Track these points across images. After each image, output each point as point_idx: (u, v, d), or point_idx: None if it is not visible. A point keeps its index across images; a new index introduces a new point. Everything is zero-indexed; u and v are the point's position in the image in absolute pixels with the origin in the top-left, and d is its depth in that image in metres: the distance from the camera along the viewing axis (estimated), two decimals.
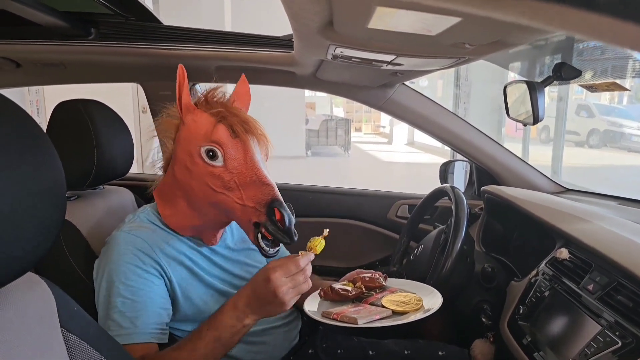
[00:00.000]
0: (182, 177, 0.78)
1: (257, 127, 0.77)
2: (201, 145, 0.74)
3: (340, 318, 0.73)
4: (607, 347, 0.63)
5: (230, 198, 0.72)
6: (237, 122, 0.75)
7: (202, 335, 0.69)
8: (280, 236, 0.69)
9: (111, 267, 0.74)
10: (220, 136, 0.73)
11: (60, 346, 0.50)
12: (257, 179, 0.72)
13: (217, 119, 0.75)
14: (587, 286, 0.74)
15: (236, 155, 0.73)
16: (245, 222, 0.73)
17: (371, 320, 0.73)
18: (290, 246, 1.06)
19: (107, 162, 0.94)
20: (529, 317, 0.83)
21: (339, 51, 0.64)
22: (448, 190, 1.05)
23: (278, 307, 0.67)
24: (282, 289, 0.65)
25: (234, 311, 0.69)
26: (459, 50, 0.53)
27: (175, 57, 1.11)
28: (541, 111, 0.80)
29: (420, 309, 0.77)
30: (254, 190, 0.71)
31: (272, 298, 0.66)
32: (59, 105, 0.94)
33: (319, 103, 13.31)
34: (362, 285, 0.86)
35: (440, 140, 1.33)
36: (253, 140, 0.75)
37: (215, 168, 0.73)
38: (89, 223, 0.92)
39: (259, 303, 0.68)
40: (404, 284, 0.90)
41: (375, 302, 0.81)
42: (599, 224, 0.85)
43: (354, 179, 6.91)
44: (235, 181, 0.72)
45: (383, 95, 1.24)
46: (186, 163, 0.76)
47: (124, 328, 0.71)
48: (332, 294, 0.83)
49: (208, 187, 0.74)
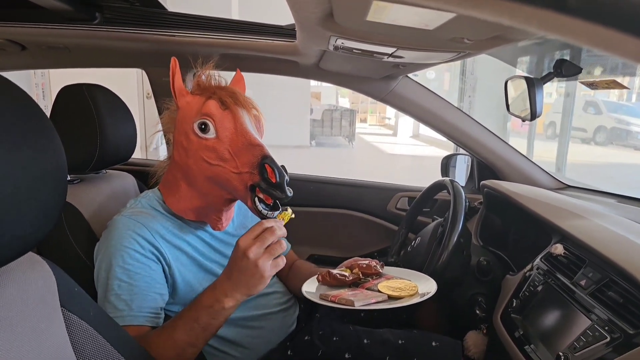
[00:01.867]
0: (180, 158, 0.80)
1: (247, 100, 0.79)
2: (194, 121, 0.76)
3: (337, 300, 0.75)
4: (596, 341, 0.64)
5: (226, 169, 0.74)
6: (226, 95, 0.77)
7: (182, 315, 0.71)
8: (272, 192, 0.69)
9: (110, 251, 0.76)
10: (210, 109, 0.75)
11: (60, 325, 0.52)
12: (247, 143, 0.73)
13: (207, 96, 0.78)
14: (579, 281, 0.75)
15: (227, 125, 0.75)
16: (243, 190, 0.73)
17: (367, 303, 0.75)
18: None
19: (110, 147, 0.95)
20: (521, 311, 0.84)
21: (340, 42, 0.64)
22: (447, 184, 1.06)
23: (255, 275, 0.66)
24: (251, 249, 0.65)
25: (212, 291, 0.70)
26: (458, 44, 0.53)
27: (179, 43, 1.11)
28: (539, 108, 0.80)
29: (415, 294, 0.79)
30: (246, 155, 0.72)
31: (245, 262, 0.65)
32: (63, 89, 0.95)
33: (325, 93, 13.24)
34: (359, 271, 0.88)
35: (442, 134, 1.33)
36: (243, 111, 0.77)
37: (208, 141, 0.75)
38: (91, 206, 0.93)
39: (235, 275, 0.67)
40: (400, 272, 0.91)
41: (372, 288, 0.82)
42: (595, 221, 0.86)
43: (357, 171, 6.91)
44: (229, 150, 0.74)
45: (386, 87, 1.24)
46: (182, 143, 0.78)
47: (119, 310, 0.72)
48: (329, 279, 0.85)
49: (204, 161, 0.75)
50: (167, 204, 0.84)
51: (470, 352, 0.96)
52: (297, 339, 0.95)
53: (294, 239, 1.13)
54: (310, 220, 1.50)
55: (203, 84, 0.82)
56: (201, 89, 0.81)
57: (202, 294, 0.71)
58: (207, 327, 0.70)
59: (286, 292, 1.02)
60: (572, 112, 5.69)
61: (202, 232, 0.88)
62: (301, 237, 1.40)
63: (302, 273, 1.05)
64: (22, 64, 1.32)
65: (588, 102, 8.18)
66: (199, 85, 0.82)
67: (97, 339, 0.56)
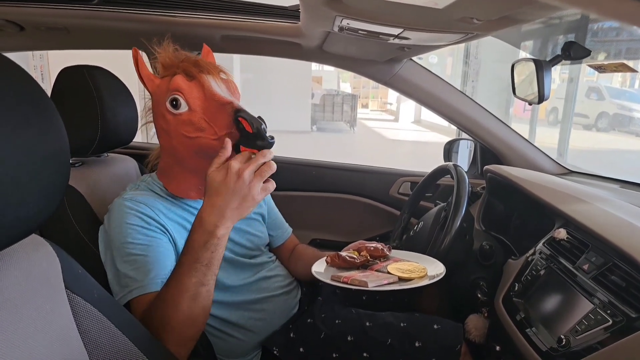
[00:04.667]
0: (165, 143, 0.80)
1: (211, 65, 0.78)
2: (165, 100, 0.75)
3: (350, 281, 0.76)
4: (597, 324, 0.65)
5: (207, 138, 0.73)
6: (189, 66, 0.76)
7: (182, 262, 0.69)
8: (253, 143, 0.68)
9: (117, 231, 0.76)
10: (177, 83, 0.74)
11: (65, 307, 0.52)
12: (218, 104, 0.72)
13: (173, 72, 0.77)
14: (582, 266, 0.75)
15: (196, 94, 0.74)
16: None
17: (380, 284, 0.75)
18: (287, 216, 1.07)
19: (111, 130, 0.94)
20: (523, 294, 0.85)
21: (346, 23, 0.62)
22: (450, 168, 1.05)
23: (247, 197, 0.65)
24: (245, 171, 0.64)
25: (200, 228, 0.68)
26: (467, 25, 0.52)
27: (179, 24, 1.09)
28: (547, 90, 0.78)
29: (424, 277, 0.79)
30: (220, 117, 0.71)
31: (239, 185, 0.64)
32: (63, 70, 0.94)
33: (326, 77, 13.09)
34: (367, 254, 0.88)
35: (446, 118, 1.32)
36: (209, 77, 0.76)
37: (182, 115, 0.74)
38: (93, 189, 0.93)
39: (224, 201, 0.66)
40: (407, 255, 0.92)
41: (381, 270, 0.83)
42: (598, 206, 0.86)
43: (358, 156, 6.89)
44: (204, 119, 0.73)
45: (390, 71, 1.22)
46: (162, 126, 0.78)
47: (139, 281, 0.73)
48: (338, 261, 0.85)
49: (184, 137, 0.75)
50: (170, 190, 0.84)
51: (472, 335, 0.98)
52: (299, 321, 0.96)
53: (296, 223, 1.13)
54: (313, 205, 1.50)
55: (167, 63, 0.80)
56: (166, 68, 0.79)
57: (192, 234, 0.69)
58: (210, 263, 0.69)
59: (287, 276, 1.03)
60: (574, 98, 5.65)
61: None
62: (303, 222, 1.40)
63: (304, 257, 1.05)
64: (21, 45, 1.30)
65: (591, 88, 8.11)
66: (164, 66, 0.80)
67: (102, 321, 0.56)
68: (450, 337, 0.91)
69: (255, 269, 0.95)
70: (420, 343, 0.90)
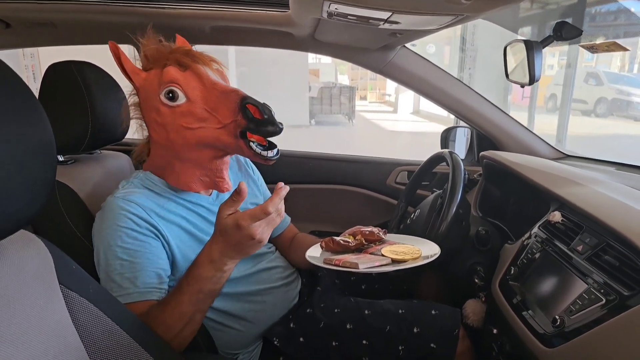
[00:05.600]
0: (160, 137, 0.78)
1: (202, 55, 0.77)
2: (159, 93, 0.74)
3: (341, 264, 0.76)
4: (591, 304, 0.65)
5: (210, 127, 0.72)
6: (181, 56, 0.75)
7: (184, 291, 0.69)
8: (264, 128, 0.67)
9: (107, 232, 0.75)
10: (171, 75, 0.73)
11: (59, 302, 0.52)
12: (221, 93, 0.71)
13: (162, 65, 0.75)
14: (576, 247, 0.75)
15: (194, 85, 0.73)
16: (234, 142, 0.71)
17: (371, 266, 0.75)
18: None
19: (103, 126, 0.94)
20: (519, 278, 0.85)
21: (334, 8, 0.62)
22: (446, 156, 1.05)
23: (256, 247, 0.67)
24: (258, 231, 0.64)
25: (211, 264, 0.68)
26: (455, 5, 0.51)
27: (168, 16, 1.08)
28: (538, 71, 0.78)
29: (418, 258, 0.79)
30: (223, 106, 0.70)
31: (249, 242, 0.65)
32: (51, 67, 0.93)
33: (323, 70, 13.00)
34: (362, 238, 0.88)
35: (441, 105, 1.31)
36: (204, 67, 0.75)
37: (180, 107, 0.73)
38: (86, 187, 0.92)
39: (236, 249, 0.67)
40: (402, 238, 0.92)
41: (375, 253, 0.83)
42: (593, 188, 0.86)
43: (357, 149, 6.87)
44: (205, 109, 0.72)
45: (384, 58, 1.21)
46: (156, 119, 0.76)
47: (124, 288, 0.72)
48: (333, 245, 0.85)
49: (184, 128, 0.74)
50: (171, 184, 0.82)
51: (470, 320, 0.98)
52: (299, 312, 0.97)
53: (294, 215, 1.13)
54: (311, 197, 1.50)
55: (152, 56, 0.78)
56: (152, 61, 0.78)
57: (199, 266, 0.69)
58: (212, 293, 0.70)
59: (288, 267, 1.03)
60: (572, 84, 5.63)
61: (199, 207, 0.87)
62: (302, 214, 1.40)
63: (304, 244, 1.05)
64: (7, 43, 1.28)
65: (589, 74, 8.08)
66: (148, 58, 0.79)
67: (99, 316, 0.56)
68: (448, 322, 0.92)
69: (254, 261, 0.95)
70: (419, 329, 0.91)
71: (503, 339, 0.85)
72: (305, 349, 0.91)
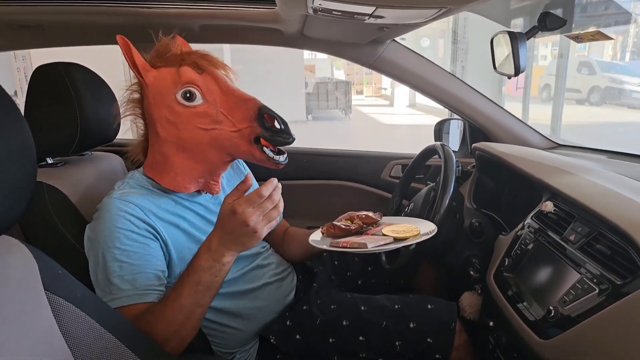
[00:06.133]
0: (169, 134, 0.77)
1: (217, 60, 0.79)
2: (175, 92, 0.74)
3: (350, 245, 0.77)
4: (585, 293, 0.65)
5: (224, 130, 0.74)
6: (198, 58, 0.76)
7: (183, 282, 0.70)
8: (279, 138, 0.71)
9: (105, 234, 0.74)
10: (190, 76, 0.74)
11: (45, 308, 0.51)
12: (239, 99, 0.73)
13: (177, 64, 0.76)
14: (569, 237, 0.75)
15: (212, 87, 0.75)
16: (246, 146, 0.74)
17: (378, 244, 0.77)
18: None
19: (92, 128, 0.93)
20: (513, 269, 0.85)
21: (318, 4, 0.61)
22: (438, 148, 1.05)
23: (251, 238, 0.67)
24: (251, 218, 0.64)
25: (209, 253, 0.69)
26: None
27: (156, 16, 1.07)
28: (522, 62, 0.78)
29: (418, 235, 0.80)
30: (241, 111, 0.73)
31: (243, 229, 0.65)
32: (38, 68, 0.92)
33: (319, 65, 12.92)
34: (360, 221, 0.89)
35: (432, 98, 1.31)
36: (220, 71, 0.77)
37: (197, 107, 0.74)
38: (77, 189, 0.91)
39: (232, 237, 0.68)
40: (397, 219, 0.93)
41: (376, 234, 0.84)
42: (584, 177, 0.86)
43: (354, 143, 6.86)
44: (222, 112, 0.74)
45: (373, 53, 1.20)
46: (168, 117, 0.76)
47: (124, 290, 0.72)
48: (334, 230, 0.85)
49: (199, 129, 0.75)
50: (164, 185, 0.81)
51: (466, 313, 0.99)
52: (295, 308, 0.96)
53: (290, 211, 1.13)
54: (306, 193, 1.50)
55: (164, 54, 0.79)
56: (164, 59, 0.78)
57: (198, 256, 0.70)
58: (211, 286, 0.70)
59: (281, 263, 1.03)
60: (565, 73, 5.64)
61: (196, 205, 0.87)
62: (297, 210, 1.39)
63: (297, 237, 1.06)
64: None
65: (582, 63, 8.09)
66: (160, 57, 0.79)
67: (86, 321, 0.56)
68: (445, 316, 0.92)
69: (249, 260, 0.95)
70: (415, 323, 0.91)
71: (499, 331, 0.85)
72: (302, 346, 0.91)
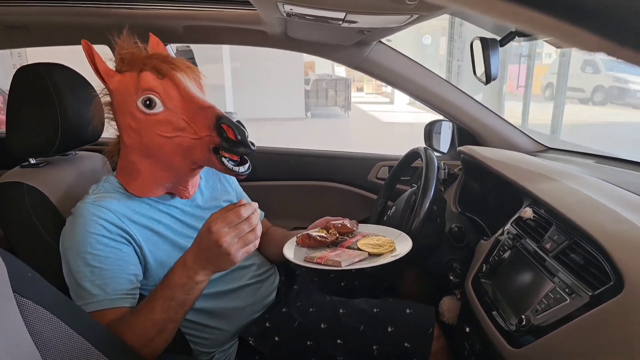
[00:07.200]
0: (132, 141, 0.77)
1: (181, 62, 0.76)
2: (135, 99, 0.73)
3: (324, 262, 0.76)
4: (556, 303, 0.64)
5: (186, 137, 0.72)
6: (159, 63, 0.74)
7: (157, 295, 0.70)
8: (237, 149, 0.68)
9: (77, 239, 0.74)
10: (149, 82, 0.72)
11: (14, 311, 0.52)
12: (198, 107, 0.71)
13: (139, 69, 0.74)
14: (545, 245, 0.74)
15: (172, 94, 0.73)
16: (207, 154, 0.72)
17: (352, 262, 0.77)
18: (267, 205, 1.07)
19: (74, 128, 0.92)
20: (491, 275, 0.85)
21: (289, 8, 0.61)
22: (421, 151, 1.04)
23: (225, 260, 0.66)
24: (224, 239, 0.63)
25: (183, 269, 0.69)
26: (401, 5, 0.50)
27: (141, 17, 1.07)
28: (494, 70, 0.77)
29: (393, 250, 0.81)
30: (200, 119, 0.71)
31: (216, 249, 0.64)
32: (20, 69, 0.91)
33: (319, 62, 12.88)
34: (335, 231, 0.88)
35: (419, 99, 1.30)
36: (181, 74, 0.74)
37: (158, 115, 0.73)
38: (58, 190, 0.91)
39: (206, 256, 0.67)
40: (373, 228, 0.93)
41: (352, 246, 0.84)
42: (566, 183, 0.85)
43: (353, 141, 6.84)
44: (183, 118, 0.72)
45: (359, 54, 1.19)
46: (130, 124, 0.75)
47: (94, 295, 0.72)
48: (309, 241, 0.85)
49: (160, 136, 0.73)
50: (130, 191, 0.81)
51: (445, 317, 0.98)
52: (275, 311, 0.96)
53: (275, 213, 1.13)
54: (291, 194, 1.50)
55: (128, 58, 0.77)
56: (127, 63, 0.77)
57: (173, 272, 0.70)
58: (184, 303, 0.70)
59: (264, 264, 1.03)
60: (567, 72, 5.59)
61: (172, 209, 0.86)
62: (283, 211, 1.39)
63: (274, 238, 1.05)
64: None
65: (586, 61, 8.01)
66: (124, 60, 0.77)
67: (56, 323, 0.56)
68: (423, 321, 0.92)
69: None
70: (393, 328, 0.91)
71: (474, 337, 0.85)
72: (280, 349, 0.91)
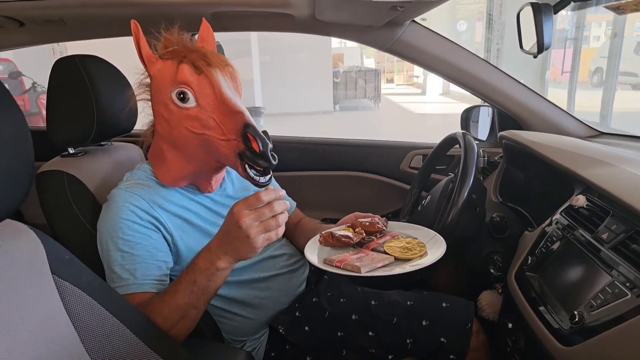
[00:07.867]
0: (163, 130, 0.78)
1: (219, 59, 0.75)
2: (171, 90, 0.73)
3: (343, 266, 0.71)
4: (615, 298, 0.58)
5: (213, 136, 0.71)
6: (198, 58, 0.73)
7: (182, 279, 0.71)
8: (257, 161, 0.67)
9: (110, 224, 0.76)
10: (185, 76, 0.72)
11: (52, 291, 0.53)
12: (229, 110, 0.70)
13: (179, 60, 0.73)
14: (601, 235, 0.67)
15: (206, 91, 0.72)
16: (233, 157, 0.71)
17: (374, 268, 0.70)
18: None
19: (109, 118, 0.94)
20: (537, 269, 0.78)
21: None
22: (458, 137, 0.98)
23: (245, 243, 0.64)
24: (244, 219, 0.63)
25: (207, 254, 0.70)
26: None
27: (169, 5, 1.06)
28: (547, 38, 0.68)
29: (424, 254, 0.73)
30: (230, 122, 0.69)
31: (237, 231, 0.64)
32: (57, 61, 0.94)
33: (348, 54, 12.72)
34: (362, 230, 0.83)
35: (456, 83, 1.23)
36: (217, 72, 0.73)
37: (189, 110, 0.72)
38: (95, 178, 0.94)
39: (227, 240, 0.67)
40: (405, 227, 0.86)
41: (377, 248, 0.77)
42: (623, 168, 0.76)
43: (383, 133, 6.72)
44: (214, 118, 0.71)
45: (391, 36, 1.13)
46: (163, 114, 0.76)
47: (123, 279, 0.74)
48: (332, 241, 0.80)
49: (188, 131, 0.73)
50: (157, 177, 0.82)
51: (485, 313, 0.93)
52: (305, 300, 0.95)
53: (305, 204, 1.11)
54: (321, 185, 1.47)
55: (172, 46, 0.77)
56: (170, 52, 0.76)
57: (199, 256, 0.71)
58: (206, 289, 0.70)
59: (295, 254, 1.01)
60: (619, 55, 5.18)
61: (203, 198, 0.87)
62: (312, 202, 1.37)
63: (303, 231, 1.04)
64: (21, 41, 1.32)
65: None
66: (166, 47, 0.77)
67: (93, 305, 0.57)
68: (460, 315, 0.87)
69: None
70: (428, 322, 0.87)
71: (518, 334, 0.79)
72: (310, 338, 0.90)
